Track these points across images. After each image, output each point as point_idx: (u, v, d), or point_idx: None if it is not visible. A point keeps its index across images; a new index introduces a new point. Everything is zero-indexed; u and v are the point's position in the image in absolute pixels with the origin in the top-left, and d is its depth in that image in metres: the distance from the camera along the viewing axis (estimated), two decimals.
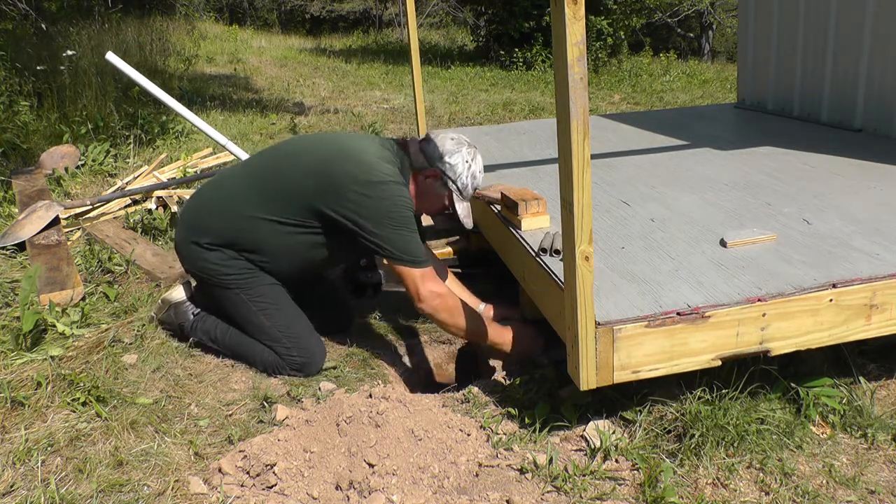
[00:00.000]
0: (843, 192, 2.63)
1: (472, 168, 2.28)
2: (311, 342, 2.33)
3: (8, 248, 3.29)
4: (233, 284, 2.29)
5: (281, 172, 2.26)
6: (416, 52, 4.11)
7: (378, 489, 1.69)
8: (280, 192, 2.22)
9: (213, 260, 2.29)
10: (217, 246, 2.28)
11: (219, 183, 2.43)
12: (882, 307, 1.88)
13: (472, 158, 2.29)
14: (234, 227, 2.27)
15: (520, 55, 11.97)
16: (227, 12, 24.09)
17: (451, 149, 2.27)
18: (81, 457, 1.80)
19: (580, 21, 1.46)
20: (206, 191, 2.44)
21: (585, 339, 1.72)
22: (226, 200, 2.31)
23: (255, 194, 2.25)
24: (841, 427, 1.92)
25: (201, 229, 2.31)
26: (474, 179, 2.30)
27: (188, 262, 2.38)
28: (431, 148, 2.27)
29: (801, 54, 3.99)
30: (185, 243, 2.34)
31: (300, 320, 2.35)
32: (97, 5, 10.70)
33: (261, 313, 2.30)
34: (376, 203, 2.13)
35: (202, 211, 2.37)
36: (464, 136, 2.36)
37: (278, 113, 7.64)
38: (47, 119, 5.53)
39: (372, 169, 2.15)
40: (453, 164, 2.26)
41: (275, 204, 2.22)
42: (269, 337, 2.31)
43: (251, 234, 2.26)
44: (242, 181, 2.33)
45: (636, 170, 3.15)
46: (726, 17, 20.63)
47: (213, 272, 2.30)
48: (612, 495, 1.68)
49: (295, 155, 2.31)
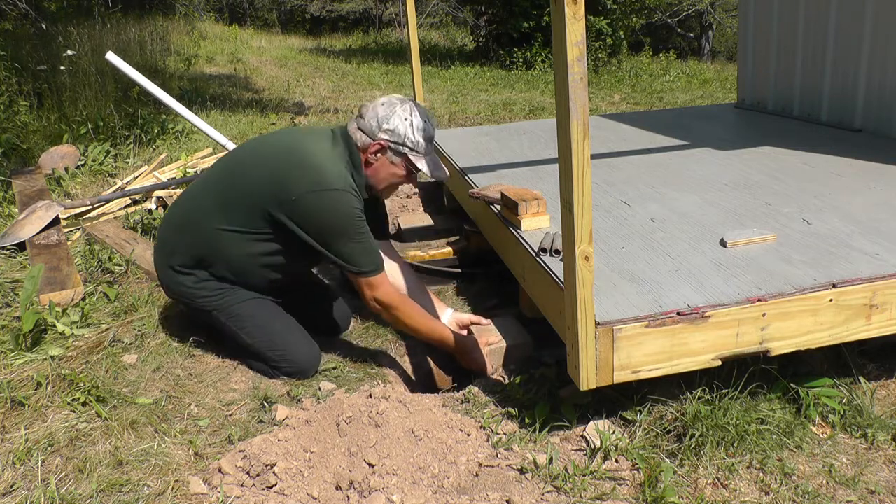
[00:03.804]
0: (843, 192, 2.63)
1: (414, 122, 2.19)
2: (300, 351, 2.31)
3: (8, 248, 3.29)
4: (209, 306, 2.28)
5: (237, 181, 2.22)
6: (416, 52, 4.11)
7: (378, 489, 1.69)
8: (239, 201, 2.19)
9: (187, 283, 2.28)
10: (188, 269, 2.27)
11: (182, 200, 2.40)
12: (882, 307, 1.88)
13: (411, 112, 2.20)
14: (200, 243, 2.25)
15: (520, 55, 11.98)
16: (227, 12, 24.11)
17: (385, 114, 2.19)
18: (81, 457, 1.80)
19: (580, 21, 1.46)
20: (172, 210, 2.42)
21: (585, 338, 1.72)
22: (189, 216, 2.29)
23: (214, 206, 2.23)
24: (841, 427, 1.92)
25: (171, 250, 2.30)
26: (423, 132, 2.20)
27: (167, 288, 2.38)
28: (367, 122, 2.21)
29: (801, 54, 3.99)
30: (162, 268, 2.34)
31: (284, 331, 2.32)
32: (97, 5, 10.71)
33: (241, 333, 2.29)
34: (323, 214, 2.09)
35: (170, 231, 2.36)
36: (396, 95, 2.29)
37: (278, 113, 7.64)
38: (47, 119, 5.53)
39: (320, 175, 2.10)
40: (392, 128, 2.18)
41: (235, 213, 2.19)
42: (256, 354, 2.31)
43: (215, 248, 2.23)
44: (203, 194, 2.31)
45: (636, 170, 3.15)
46: (726, 17, 20.63)
47: (190, 296, 2.29)
48: (612, 495, 1.68)
49: (249, 161, 2.26)
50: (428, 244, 3.35)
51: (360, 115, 2.24)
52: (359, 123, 2.23)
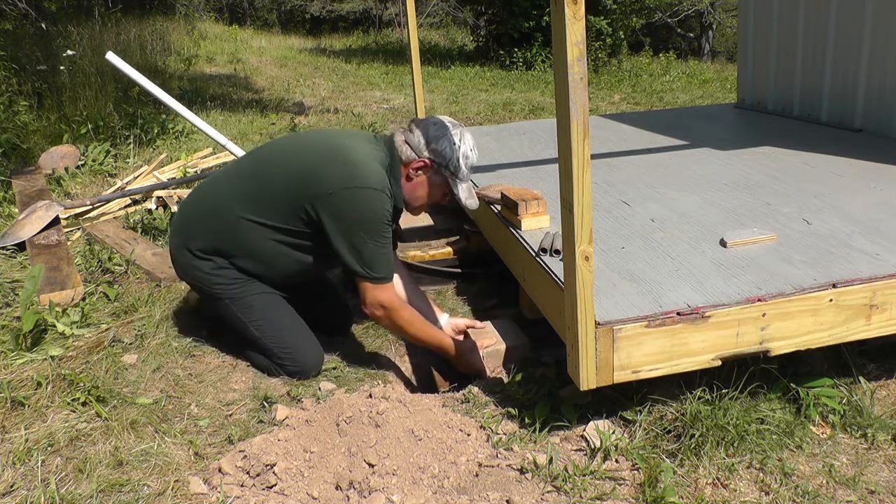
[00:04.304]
0: (843, 192, 2.63)
1: (461, 148, 2.20)
2: (305, 351, 2.31)
3: (8, 248, 3.29)
4: (223, 294, 2.27)
5: (269, 172, 2.22)
6: (416, 52, 4.11)
7: (378, 489, 1.69)
8: (267, 194, 2.19)
9: (203, 269, 2.27)
10: (207, 254, 2.26)
11: (208, 186, 2.40)
12: (882, 307, 1.89)
13: (460, 139, 2.21)
14: (222, 231, 2.24)
15: (520, 55, 11.98)
16: (227, 12, 24.11)
17: (436, 134, 2.20)
18: (81, 457, 1.80)
19: (580, 21, 1.46)
20: (196, 194, 2.41)
21: (585, 338, 1.72)
22: (214, 203, 2.28)
23: (243, 196, 2.22)
24: (841, 427, 1.92)
25: (192, 234, 2.29)
26: (466, 159, 2.22)
27: (181, 270, 2.36)
28: (416, 138, 2.21)
29: (801, 54, 3.99)
30: (178, 249, 2.33)
31: (293, 329, 2.32)
32: (97, 5, 10.71)
33: (251, 325, 2.29)
34: (356, 210, 2.09)
35: (192, 215, 2.34)
36: (447, 117, 2.30)
37: (278, 113, 7.64)
38: (47, 119, 5.53)
39: (357, 171, 2.11)
40: (440, 149, 2.19)
41: (262, 205, 2.19)
42: (262, 348, 2.31)
43: (238, 238, 2.22)
44: (231, 183, 2.30)
45: (636, 170, 3.15)
46: (726, 17, 20.63)
47: (205, 281, 2.28)
48: (612, 495, 1.68)
49: (286, 154, 2.26)
50: (428, 244, 3.35)
51: (410, 130, 2.25)
52: (406, 137, 2.24)
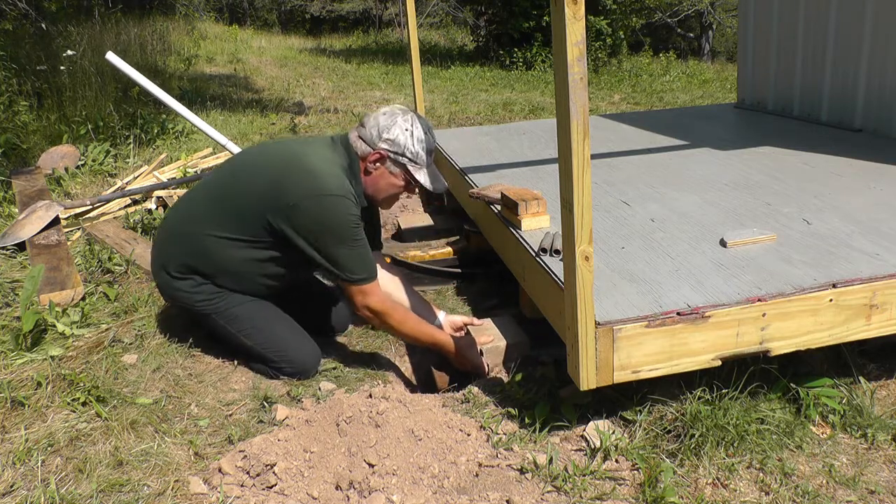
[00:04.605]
0: (843, 192, 2.63)
1: (414, 133, 2.20)
2: (300, 352, 2.31)
3: (8, 248, 3.29)
4: (207, 310, 2.28)
5: (234, 190, 2.22)
6: (416, 52, 4.11)
7: (378, 489, 1.69)
8: (235, 210, 2.19)
9: (184, 288, 2.27)
10: (184, 274, 2.27)
11: (178, 206, 2.40)
12: (882, 307, 1.88)
13: (411, 124, 2.20)
14: (194, 252, 2.24)
15: (520, 55, 11.98)
16: (227, 12, 24.11)
17: (387, 123, 2.19)
18: (81, 457, 1.80)
19: (580, 21, 1.46)
20: (169, 215, 2.42)
21: (585, 338, 1.72)
22: (183, 224, 2.29)
23: (209, 214, 2.23)
24: (841, 427, 1.92)
25: (167, 257, 2.30)
26: (423, 143, 2.21)
27: (163, 292, 2.37)
28: (368, 131, 2.21)
29: (801, 54, 3.99)
30: (158, 272, 2.33)
31: (283, 333, 2.32)
32: (97, 5, 10.70)
33: (240, 335, 2.29)
34: (321, 219, 2.09)
35: (166, 239, 2.35)
36: (399, 105, 2.30)
37: (278, 113, 7.64)
38: (47, 119, 5.53)
39: (317, 180, 2.10)
40: (393, 138, 2.18)
41: (229, 221, 2.19)
42: (257, 356, 2.31)
43: (211, 256, 2.22)
44: (199, 203, 2.30)
45: (636, 170, 3.15)
46: (726, 17, 20.63)
47: (187, 300, 2.29)
48: (612, 495, 1.68)
49: (247, 170, 2.25)
50: (428, 244, 3.35)
51: (362, 124, 2.25)
52: (360, 132, 2.24)
